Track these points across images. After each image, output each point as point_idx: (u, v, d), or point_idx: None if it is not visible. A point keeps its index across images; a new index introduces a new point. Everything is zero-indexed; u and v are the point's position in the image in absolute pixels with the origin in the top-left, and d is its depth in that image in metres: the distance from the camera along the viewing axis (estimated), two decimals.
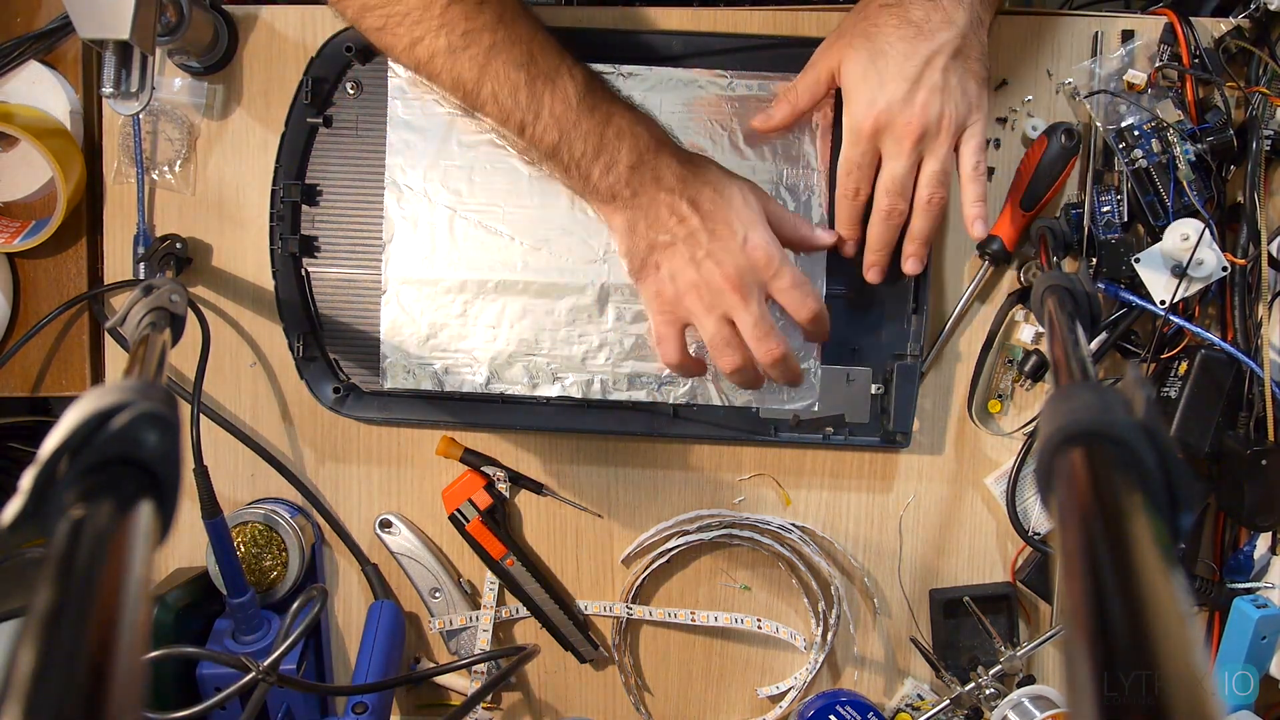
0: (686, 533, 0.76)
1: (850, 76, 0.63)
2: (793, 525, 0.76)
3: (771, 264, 0.62)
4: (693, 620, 0.78)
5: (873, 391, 0.73)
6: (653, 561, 0.77)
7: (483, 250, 0.71)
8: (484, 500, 0.75)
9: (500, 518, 0.77)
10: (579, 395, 0.72)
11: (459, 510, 0.75)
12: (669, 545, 0.76)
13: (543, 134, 0.60)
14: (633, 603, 0.78)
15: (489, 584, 0.78)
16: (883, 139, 0.63)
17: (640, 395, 0.72)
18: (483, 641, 0.78)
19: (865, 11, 0.63)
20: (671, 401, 0.73)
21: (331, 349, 0.74)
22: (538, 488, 0.77)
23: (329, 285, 0.74)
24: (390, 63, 0.70)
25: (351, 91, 0.72)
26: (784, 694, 0.79)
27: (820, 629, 0.77)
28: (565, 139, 0.60)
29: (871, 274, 0.69)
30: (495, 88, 0.59)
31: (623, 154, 0.60)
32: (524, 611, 0.78)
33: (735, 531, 0.76)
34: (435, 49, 0.58)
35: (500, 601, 0.78)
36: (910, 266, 0.68)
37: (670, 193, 0.61)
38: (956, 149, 0.64)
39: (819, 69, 0.66)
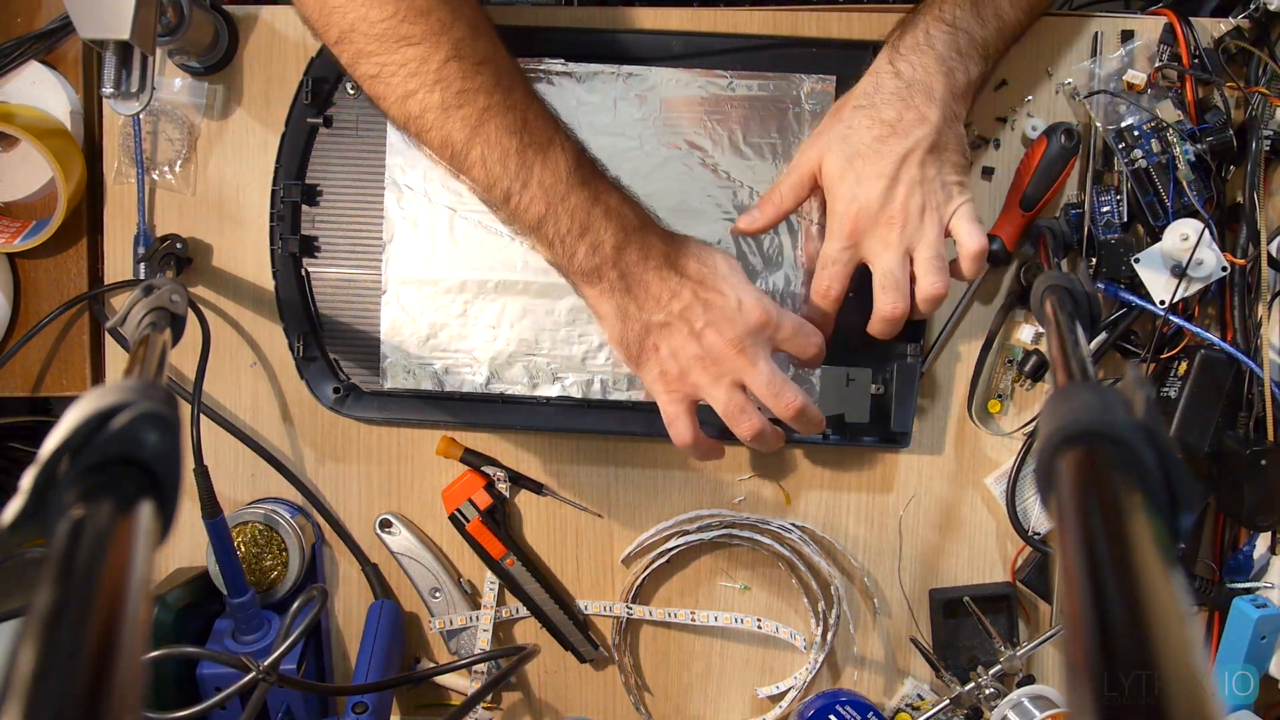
0: (686, 533, 0.76)
1: (829, 176, 0.64)
2: (793, 525, 0.76)
3: (770, 320, 0.61)
4: (693, 620, 0.78)
5: (873, 391, 0.73)
6: (653, 561, 0.77)
7: (483, 250, 0.71)
8: (484, 500, 0.75)
9: (500, 518, 0.77)
10: (579, 395, 0.72)
11: (459, 510, 0.75)
12: (669, 545, 0.76)
13: (529, 205, 0.59)
14: (633, 603, 0.78)
15: (489, 584, 0.78)
16: (866, 239, 0.63)
17: (640, 395, 0.72)
18: (483, 641, 0.78)
19: (840, 114, 0.64)
20: None
21: (331, 349, 0.74)
22: (538, 488, 0.77)
23: (329, 285, 0.74)
24: None
25: (352, 91, 0.72)
26: (784, 694, 0.79)
27: (820, 629, 0.77)
28: (552, 212, 0.59)
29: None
30: (485, 151, 0.58)
31: (609, 233, 0.59)
32: (524, 611, 0.78)
33: (735, 531, 0.76)
34: (428, 104, 0.57)
35: (500, 601, 0.78)
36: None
37: (659, 268, 0.60)
38: (949, 234, 0.64)
39: (800, 170, 0.66)
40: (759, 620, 0.78)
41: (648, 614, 0.78)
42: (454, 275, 0.71)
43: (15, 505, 0.29)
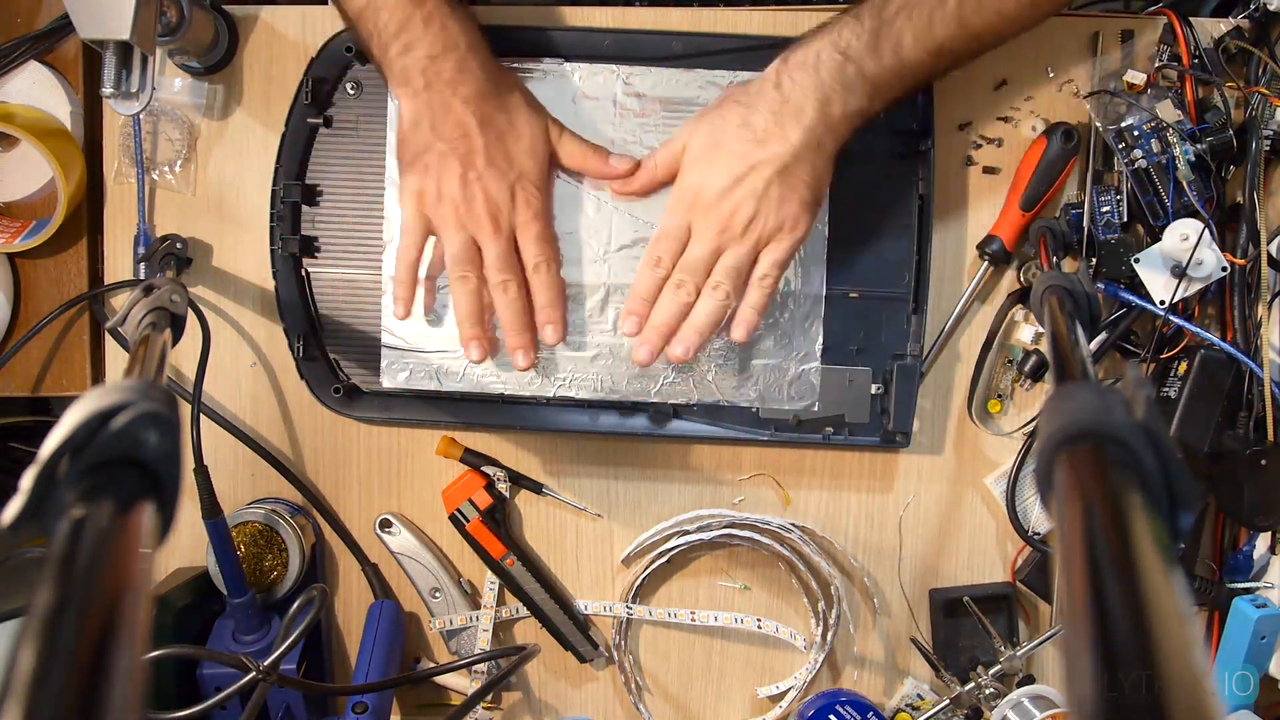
0: (686, 533, 0.76)
1: (689, 152, 0.65)
2: (793, 525, 0.76)
3: (531, 211, 0.65)
4: (693, 620, 0.78)
5: (872, 391, 0.73)
6: (653, 561, 0.77)
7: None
8: (484, 500, 0.75)
9: (500, 518, 0.77)
10: (579, 395, 0.72)
11: (459, 510, 0.75)
12: (669, 545, 0.76)
13: None
14: (633, 603, 0.78)
15: (489, 584, 0.78)
16: (695, 220, 0.65)
17: (640, 395, 0.72)
18: (483, 641, 0.78)
19: (724, 100, 0.65)
20: (671, 402, 0.73)
21: (331, 349, 0.74)
22: (537, 488, 0.77)
23: (329, 285, 0.74)
24: None
25: (352, 91, 0.72)
26: (784, 694, 0.79)
27: (820, 629, 0.77)
28: (372, 5, 0.61)
29: (641, 352, 0.66)
30: None
31: (425, 42, 0.61)
32: (524, 611, 0.78)
33: (735, 531, 0.76)
34: None
35: (500, 601, 0.78)
36: (676, 350, 0.65)
37: (464, 104, 0.62)
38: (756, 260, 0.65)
39: (675, 144, 0.67)
40: (759, 620, 0.78)
41: (648, 614, 0.78)
42: None
43: (15, 505, 0.29)
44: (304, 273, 0.73)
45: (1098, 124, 0.71)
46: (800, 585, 0.78)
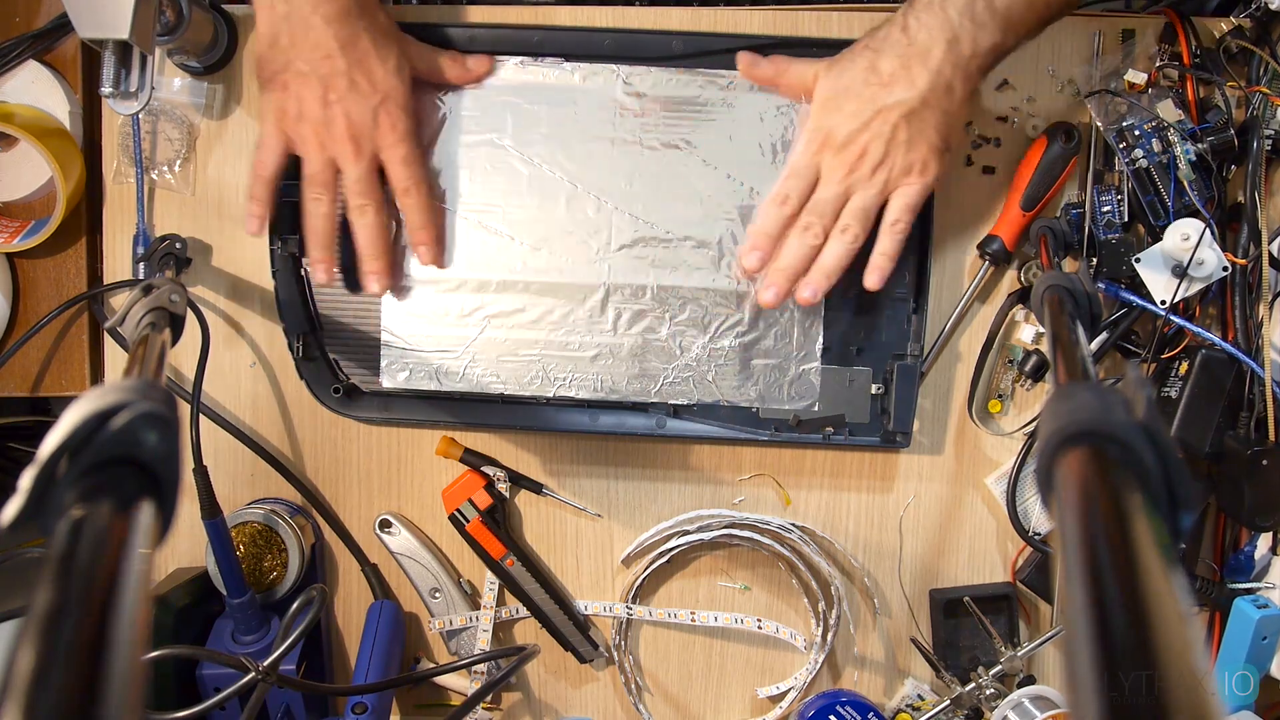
0: (686, 533, 0.76)
1: (818, 96, 0.65)
2: (793, 525, 0.76)
3: (396, 134, 0.64)
4: (693, 620, 0.78)
5: (873, 391, 0.73)
6: (653, 561, 0.77)
7: (482, 250, 0.71)
8: (484, 500, 0.75)
9: (500, 518, 0.77)
10: (579, 395, 0.72)
11: (459, 510, 0.75)
12: (669, 545, 0.76)
13: None
14: (633, 603, 0.78)
15: (489, 584, 0.78)
16: (824, 160, 0.64)
17: (640, 395, 0.72)
18: (483, 641, 0.78)
19: (855, 47, 0.64)
20: (671, 402, 0.73)
21: (331, 348, 0.74)
22: (537, 488, 0.77)
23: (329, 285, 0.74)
24: None
25: None
26: (784, 694, 0.79)
27: (820, 629, 0.77)
28: None
29: (768, 294, 0.65)
30: None
31: None
32: (524, 611, 0.78)
33: (735, 531, 0.76)
34: None
35: (500, 601, 0.78)
36: (805, 293, 0.65)
37: (326, 23, 0.61)
38: (886, 203, 0.64)
39: (808, 71, 0.66)
40: (759, 620, 0.78)
41: (648, 614, 0.78)
42: (453, 275, 0.71)
43: (15, 505, 0.29)
44: (303, 272, 0.73)
45: (1098, 124, 0.71)
46: (800, 585, 0.78)
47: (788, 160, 0.67)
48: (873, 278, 0.65)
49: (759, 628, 0.78)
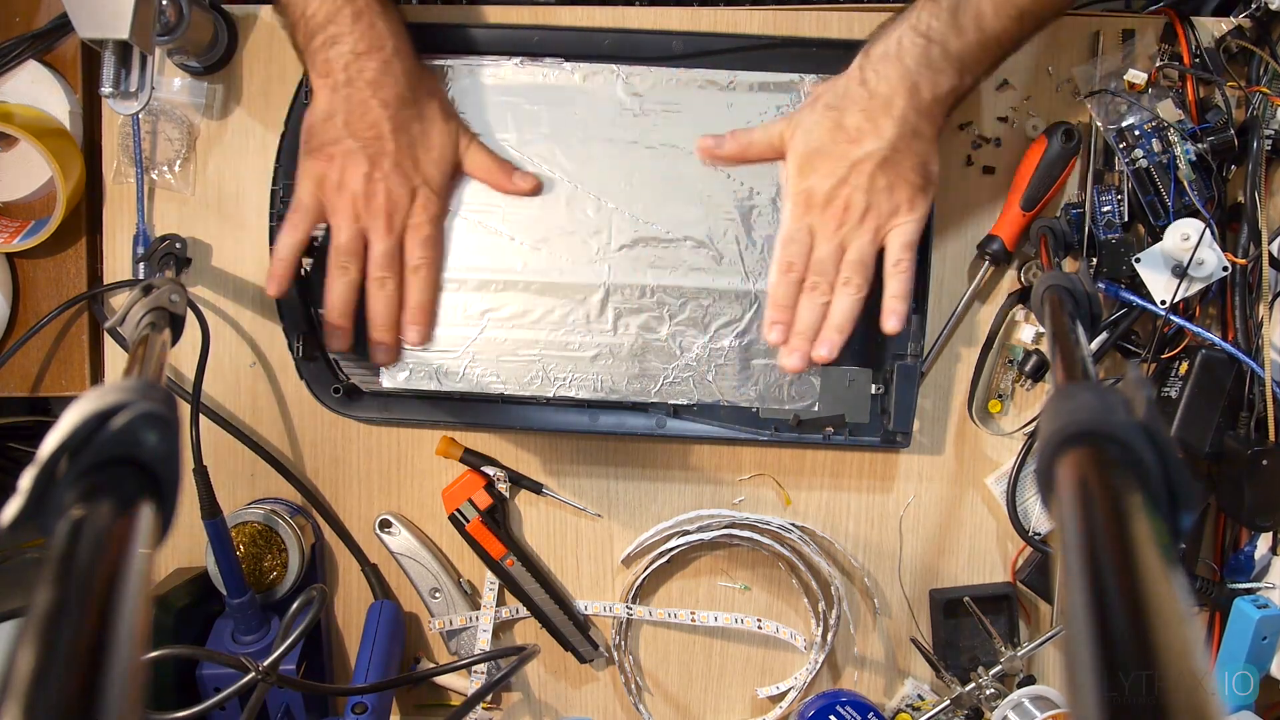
0: (687, 533, 0.76)
1: (791, 160, 0.66)
2: (793, 525, 0.76)
3: (427, 215, 0.67)
4: (693, 620, 0.78)
5: (873, 391, 0.73)
6: (653, 561, 0.77)
7: (483, 250, 0.71)
8: (484, 500, 0.75)
9: (500, 518, 0.77)
10: (579, 395, 0.72)
11: (459, 510, 0.75)
12: (669, 545, 0.76)
13: None
14: (633, 603, 0.78)
15: (489, 584, 0.78)
16: (814, 220, 0.65)
17: (640, 395, 0.72)
18: (483, 641, 0.78)
19: (815, 103, 0.65)
20: (671, 402, 0.73)
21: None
22: (537, 487, 0.77)
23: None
24: None
25: None
26: (784, 694, 0.79)
27: (820, 629, 0.77)
28: None
29: (792, 359, 0.66)
30: None
31: (352, 38, 0.62)
32: (524, 611, 0.78)
33: (735, 531, 0.76)
34: None
35: (500, 601, 0.78)
36: (821, 351, 0.65)
37: (383, 106, 0.64)
38: (883, 246, 0.65)
39: (773, 133, 0.67)
40: (759, 620, 0.78)
41: (648, 614, 0.78)
42: (454, 275, 0.71)
43: (14, 505, 0.29)
44: (304, 273, 0.73)
45: (1098, 124, 0.71)
46: (800, 585, 0.78)
47: (779, 233, 0.67)
48: (890, 321, 0.65)
49: (759, 628, 0.78)
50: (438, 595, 0.78)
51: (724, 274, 0.71)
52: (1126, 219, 0.71)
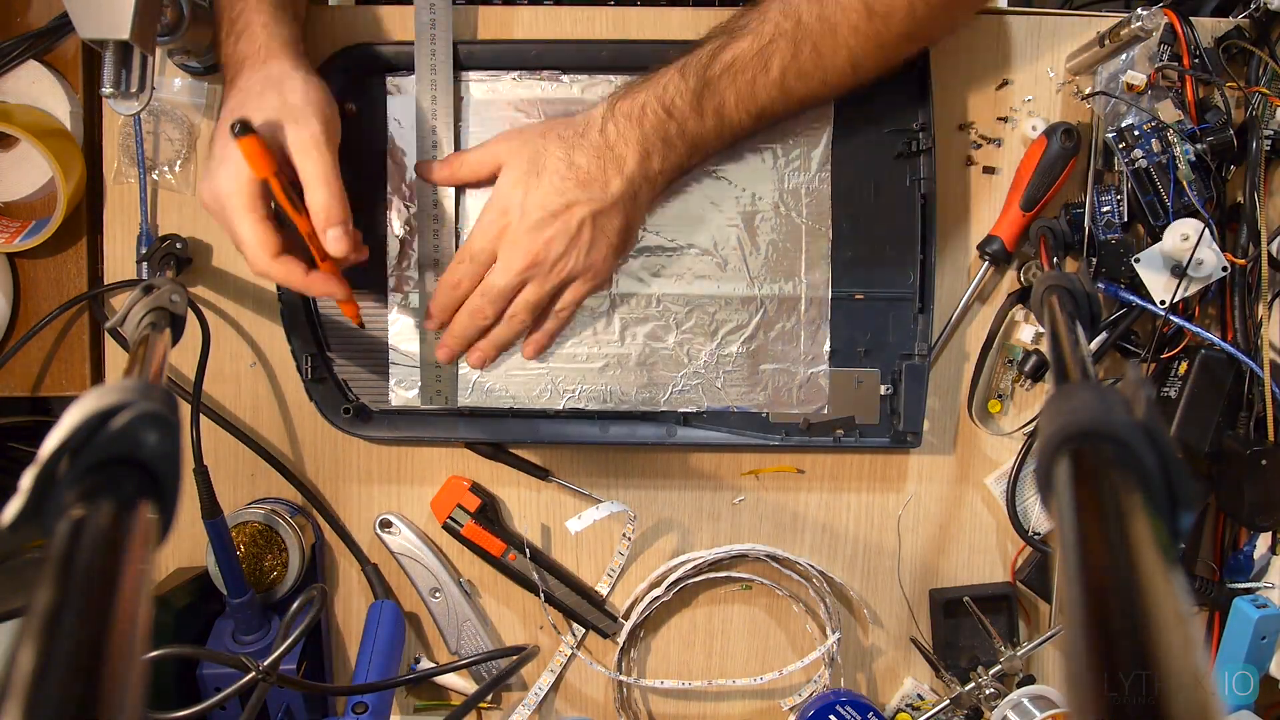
0: (679, 581, 0.76)
1: (505, 177, 0.65)
2: (807, 563, 0.76)
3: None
4: (686, 687, 0.78)
5: (881, 392, 0.73)
6: (651, 604, 0.76)
7: None
8: (472, 502, 0.75)
9: (492, 515, 0.77)
10: (588, 406, 0.72)
11: (451, 518, 0.75)
12: (669, 581, 0.76)
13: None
14: (637, 629, 0.78)
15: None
16: (503, 248, 0.64)
17: (649, 404, 0.72)
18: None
19: (547, 132, 0.64)
20: (681, 410, 0.72)
21: (338, 363, 0.73)
22: (544, 474, 0.77)
23: None
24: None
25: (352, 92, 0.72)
26: (785, 694, 0.79)
27: (821, 630, 0.77)
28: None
29: (441, 353, 0.69)
30: None
31: (245, 38, 0.62)
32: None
33: (730, 573, 0.75)
34: None
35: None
36: (473, 359, 0.69)
37: (255, 93, 0.61)
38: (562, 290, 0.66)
39: (488, 153, 0.67)
40: (757, 678, 0.77)
41: (654, 684, 0.78)
42: None
43: (15, 505, 0.29)
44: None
45: (1098, 124, 0.71)
46: (800, 584, 0.78)
47: (469, 234, 0.66)
48: (529, 350, 0.70)
49: (758, 682, 0.77)
50: (438, 595, 0.78)
51: (729, 280, 0.71)
52: (1126, 219, 0.71)
